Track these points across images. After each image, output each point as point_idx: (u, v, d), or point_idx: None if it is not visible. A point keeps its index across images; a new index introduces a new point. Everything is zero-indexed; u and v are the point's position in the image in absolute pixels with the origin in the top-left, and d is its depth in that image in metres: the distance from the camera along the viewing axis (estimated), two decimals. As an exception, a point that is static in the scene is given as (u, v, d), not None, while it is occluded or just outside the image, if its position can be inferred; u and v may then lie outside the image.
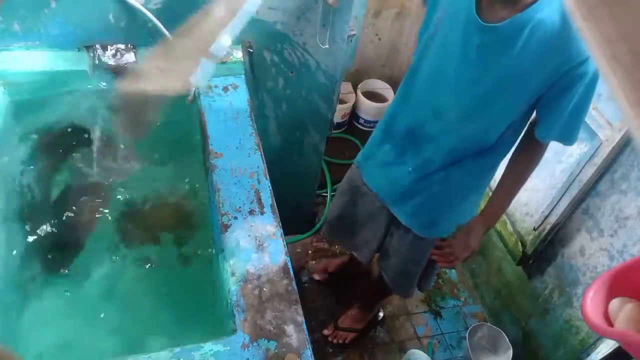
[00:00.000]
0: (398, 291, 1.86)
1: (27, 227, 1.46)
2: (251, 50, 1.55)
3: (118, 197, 1.69)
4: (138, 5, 1.36)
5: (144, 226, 1.66)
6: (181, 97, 1.51)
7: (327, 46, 1.61)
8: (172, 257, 1.59)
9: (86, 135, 1.59)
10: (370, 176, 1.60)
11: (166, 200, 1.73)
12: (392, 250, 1.68)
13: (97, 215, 1.61)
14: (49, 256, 1.46)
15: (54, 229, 1.50)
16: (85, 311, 1.42)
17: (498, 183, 1.46)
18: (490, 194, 1.48)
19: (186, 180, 1.76)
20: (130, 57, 1.48)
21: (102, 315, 1.39)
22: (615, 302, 0.65)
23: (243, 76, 1.54)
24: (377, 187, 1.58)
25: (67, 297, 1.43)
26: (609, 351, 1.59)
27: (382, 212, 1.61)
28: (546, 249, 1.89)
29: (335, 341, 2.14)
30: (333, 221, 1.83)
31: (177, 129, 1.65)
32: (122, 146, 1.66)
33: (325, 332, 2.16)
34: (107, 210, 1.65)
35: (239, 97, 1.48)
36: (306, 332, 1.02)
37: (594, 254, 1.68)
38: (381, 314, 2.26)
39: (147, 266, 1.56)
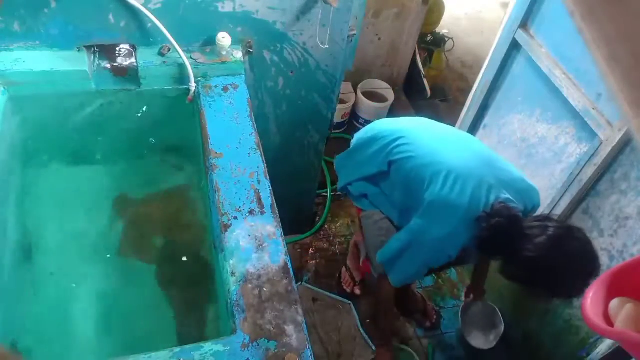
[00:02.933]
0: None
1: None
2: (251, 50, 1.55)
3: (118, 195, 1.69)
4: (138, 5, 1.36)
5: (143, 225, 1.66)
6: (181, 97, 1.51)
7: (327, 46, 1.61)
8: (171, 256, 1.59)
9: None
10: None
11: (166, 200, 1.73)
12: None
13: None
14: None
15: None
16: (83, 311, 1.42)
17: None
18: None
19: (186, 180, 1.76)
20: (130, 57, 1.47)
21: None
22: (615, 302, 0.65)
23: (243, 76, 1.54)
24: None
25: (61, 295, 1.43)
26: (609, 351, 1.59)
27: None
28: (546, 249, 1.89)
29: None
30: None
31: (177, 129, 1.65)
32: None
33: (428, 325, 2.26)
34: (105, 208, 1.65)
35: (239, 97, 1.48)
36: (306, 332, 1.02)
37: (594, 254, 1.68)
38: None
39: (146, 265, 1.56)
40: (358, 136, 1.78)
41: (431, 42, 3.20)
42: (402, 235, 1.56)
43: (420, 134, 1.60)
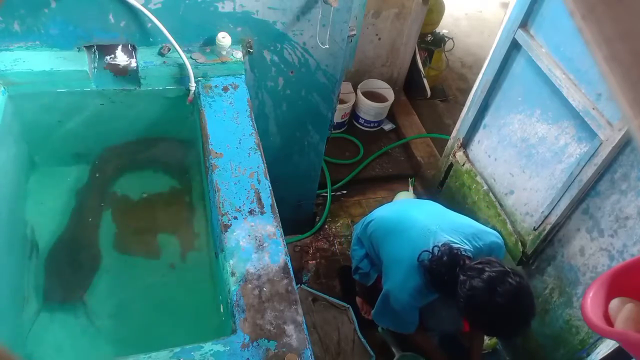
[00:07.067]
0: None
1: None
2: (251, 50, 1.55)
3: (118, 196, 1.69)
4: (138, 5, 1.36)
5: (142, 224, 1.66)
6: (181, 97, 1.51)
7: (327, 46, 1.61)
8: (172, 257, 1.59)
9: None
10: None
11: (165, 199, 1.73)
12: None
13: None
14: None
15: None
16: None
17: None
18: None
19: (186, 180, 1.76)
20: (130, 57, 1.48)
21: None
22: (615, 302, 0.65)
23: (243, 76, 1.54)
24: None
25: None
26: (609, 351, 1.59)
27: None
28: (546, 249, 1.89)
29: None
30: None
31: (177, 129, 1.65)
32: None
33: None
34: (105, 207, 1.65)
35: (239, 97, 1.48)
36: (306, 332, 1.02)
37: (594, 254, 1.68)
38: None
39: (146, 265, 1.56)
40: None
41: (431, 42, 3.20)
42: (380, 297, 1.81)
43: (386, 212, 1.89)
